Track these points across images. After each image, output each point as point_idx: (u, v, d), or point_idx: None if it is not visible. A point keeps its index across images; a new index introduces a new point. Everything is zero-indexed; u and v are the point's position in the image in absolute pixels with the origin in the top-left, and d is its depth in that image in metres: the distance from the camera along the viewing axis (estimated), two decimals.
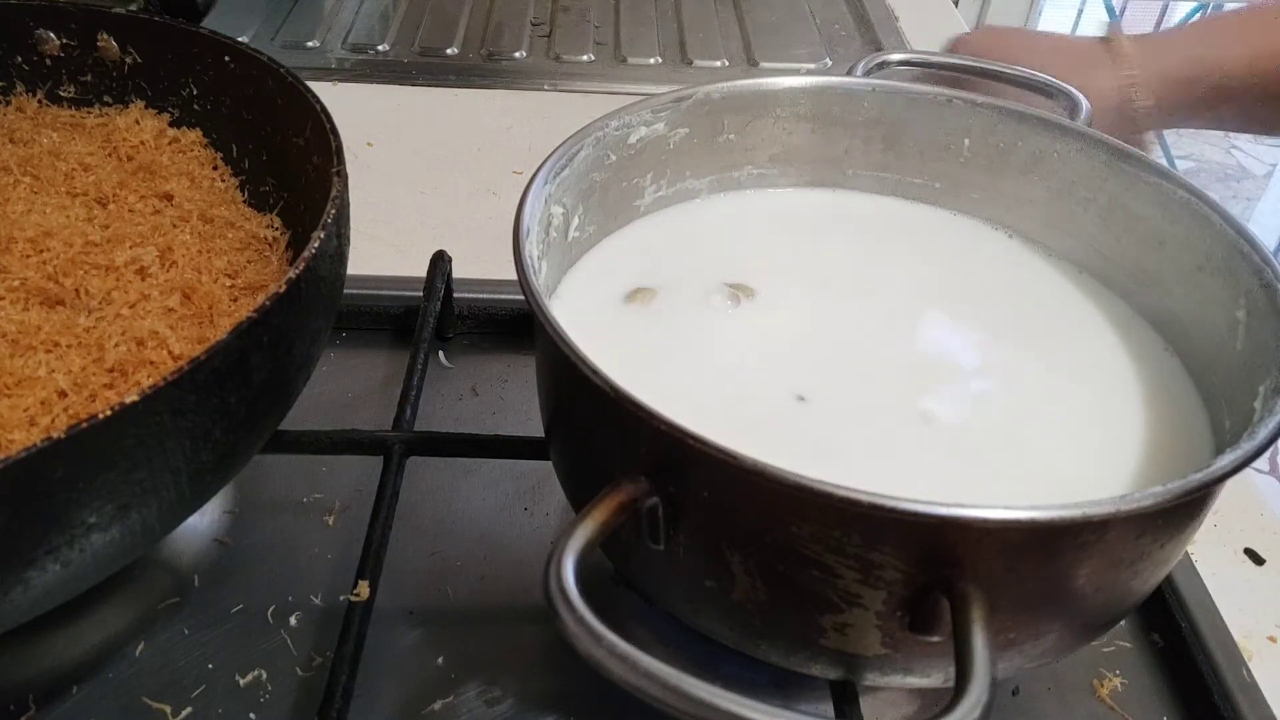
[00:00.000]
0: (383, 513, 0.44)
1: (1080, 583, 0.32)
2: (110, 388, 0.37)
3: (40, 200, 0.46)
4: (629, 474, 0.32)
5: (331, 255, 0.40)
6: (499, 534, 0.49)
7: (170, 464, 0.33)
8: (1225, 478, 0.31)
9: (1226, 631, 0.45)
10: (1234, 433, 0.38)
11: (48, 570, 0.31)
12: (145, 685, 0.42)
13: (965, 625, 0.29)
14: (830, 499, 0.29)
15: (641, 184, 0.51)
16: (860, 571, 0.31)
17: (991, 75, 0.60)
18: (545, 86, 0.91)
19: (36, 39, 0.53)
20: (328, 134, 0.44)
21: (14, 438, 0.34)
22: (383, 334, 0.61)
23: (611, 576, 0.46)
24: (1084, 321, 0.48)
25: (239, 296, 0.44)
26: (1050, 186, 0.50)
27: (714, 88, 0.50)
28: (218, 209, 0.48)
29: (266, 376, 0.36)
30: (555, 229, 0.45)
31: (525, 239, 0.39)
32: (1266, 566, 0.50)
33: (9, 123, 0.52)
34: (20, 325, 0.39)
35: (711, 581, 0.34)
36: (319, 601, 0.45)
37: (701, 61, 0.96)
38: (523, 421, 0.56)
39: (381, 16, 1.00)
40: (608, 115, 0.47)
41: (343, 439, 0.48)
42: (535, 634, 0.45)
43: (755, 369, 0.44)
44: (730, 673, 0.43)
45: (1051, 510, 0.29)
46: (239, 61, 0.50)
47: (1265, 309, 0.39)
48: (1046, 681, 0.44)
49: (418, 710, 0.42)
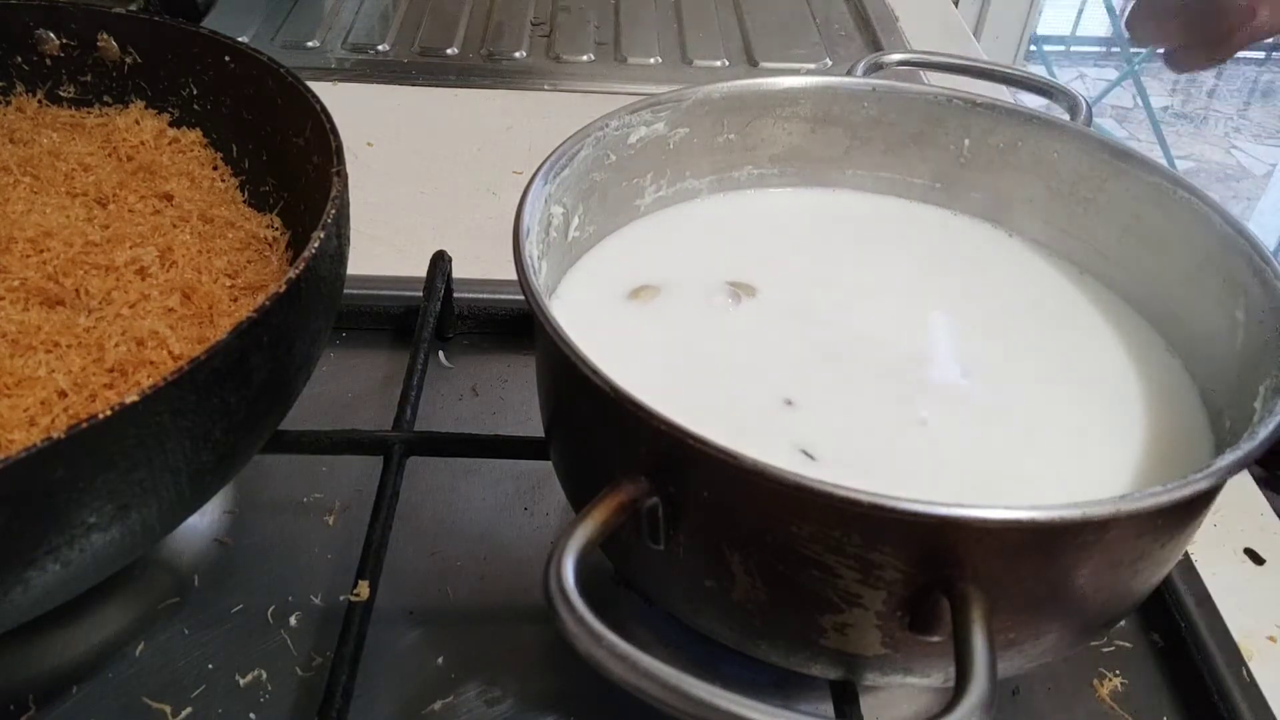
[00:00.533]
0: (383, 513, 0.44)
1: (1080, 583, 0.32)
2: (110, 388, 0.37)
3: (40, 200, 0.46)
4: (629, 474, 0.32)
5: (331, 255, 0.40)
6: (499, 534, 0.49)
7: (170, 464, 0.33)
8: (1225, 478, 0.31)
9: (1226, 631, 0.45)
10: (1234, 433, 0.38)
11: (48, 570, 0.31)
12: (145, 685, 0.42)
13: (965, 625, 0.29)
14: (830, 499, 0.29)
15: (641, 184, 0.51)
16: (860, 571, 0.31)
17: (991, 75, 0.60)
18: (545, 86, 0.91)
19: (36, 39, 0.53)
20: (328, 134, 0.44)
21: (14, 438, 0.34)
22: (383, 334, 0.61)
23: (611, 576, 0.46)
24: (1084, 321, 0.48)
25: (239, 296, 0.44)
26: (1050, 186, 0.50)
27: (714, 88, 0.50)
28: (218, 209, 0.48)
29: (266, 376, 0.36)
30: (555, 229, 0.45)
31: (525, 239, 0.39)
32: (1266, 566, 0.50)
33: (9, 123, 0.52)
34: (20, 325, 0.39)
35: (711, 581, 0.34)
36: (319, 601, 0.45)
37: (701, 61, 0.96)
38: (523, 421, 0.56)
39: (381, 16, 1.00)
40: (608, 115, 0.47)
41: (343, 439, 0.48)
42: (535, 634, 0.45)
43: (756, 367, 0.44)
44: (730, 673, 0.43)
45: (1051, 510, 0.29)
46: (239, 61, 0.50)
47: (1265, 309, 0.39)
48: (1046, 681, 0.44)
49: (418, 710, 0.42)
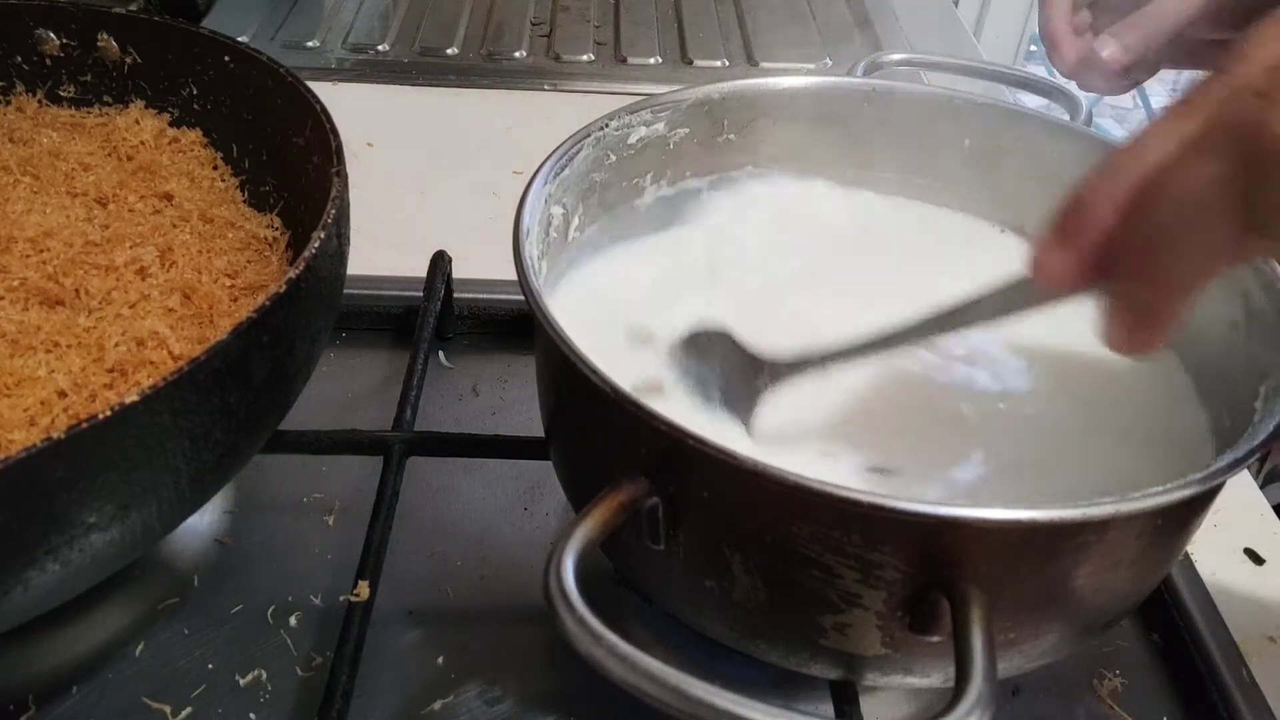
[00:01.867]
0: (383, 513, 0.44)
1: (1080, 583, 0.32)
2: (110, 388, 0.37)
3: (40, 200, 0.46)
4: (629, 474, 0.32)
5: (331, 255, 0.40)
6: (499, 534, 0.49)
7: (170, 464, 0.33)
8: (1225, 478, 0.31)
9: (1226, 631, 0.45)
10: (1234, 433, 0.38)
11: (48, 570, 0.31)
12: (145, 685, 0.42)
13: (965, 625, 0.29)
14: (830, 499, 0.29)
15: (641, 184, 0.51)
16: (860, 571, 0.31)
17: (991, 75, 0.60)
18: (545, 86, 0.91)
19: (36, 39, 0.53)
20: (328, 134, 0.44)
21: (14, 438, 0.34)
22: (383, 334, 0.61)
23: (611, 576, 0.46)
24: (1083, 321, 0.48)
25: (239, 296, 0.44)
26: (1050, 186, 0.50)
27: (714, 88, 0.50)
28: (218, 209, 0.48)
29: (266, 376, 0.36)
30: (555, 229, 0.45)
31: (525, 239, 0.39)
32: (1266, 566, 0.50)
33: (9, 123, 0.52)
34: (20, 325, 0.39)
35: (711, 581, 0.34)
36: (319, 601, 0.45)
37: (701, 61, 0.96)
38: (523, 421, 0.56)
39: (381, 16, 1.00)
40: (608, 115, 0.47)
41: (343, 439, 0.48)
42: (535, 634, 0.45)
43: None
44: (730, 673, 0.43)
45: (1051, 510, 0.29)
46: (239, 61, 0.50)
47: (1265, 309, 0.39)
48: (1046, 681, 0.44)
49: (418, 710, 0.42)
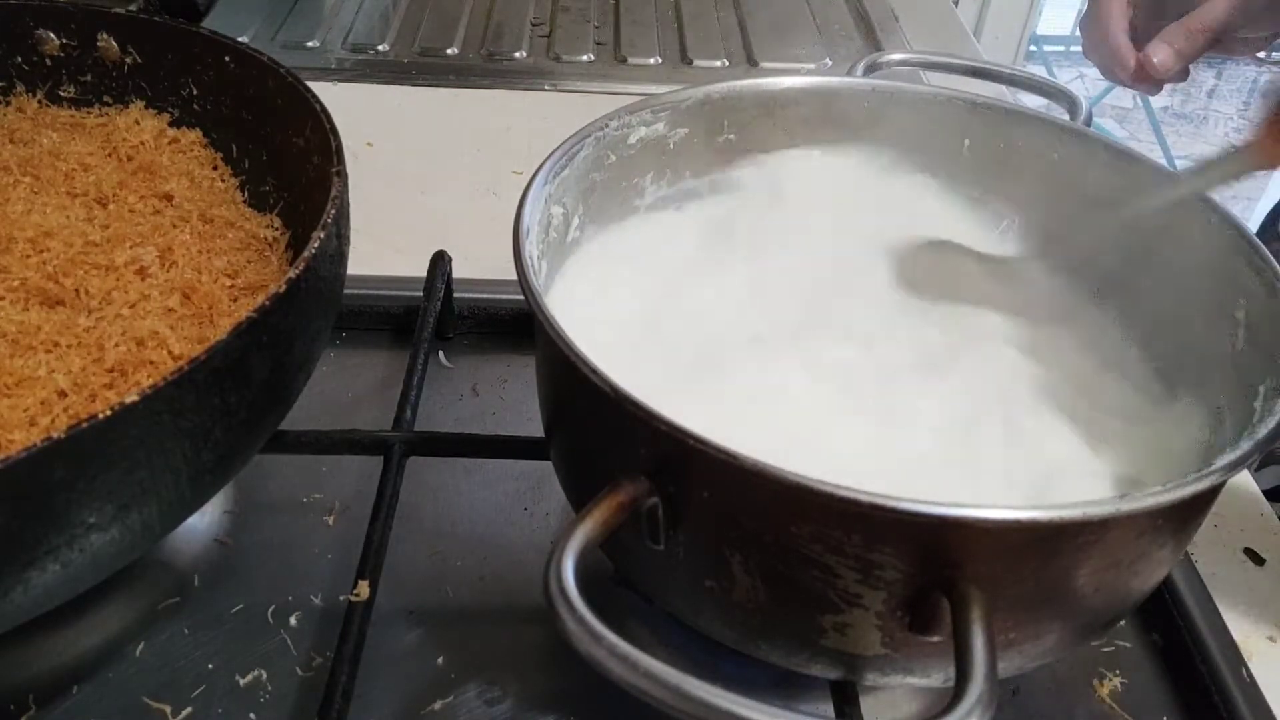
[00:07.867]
0: (383, 513, 0.44)
1: (1080, 583, 0.32)
2: (110, 388, 0.37)
3: (40, 200, 0.46)
4: (629, 474, 0.32)
5: (331, 255, 0.40)
6: (499, 534, 0.49)
7: (170, 464, 0.33)
8: (1225, 478, 0.31)
9: (1226, 631, 0.45)
10: (1234, 433, 0.38)
11: (48, 570, 0.31)
12: (145, 685, 0.42)
13: (965, 625, 0.29)
14: (830, 499, 0.29)
15: (641, 184, 0.51)
16: (860, 571, 0.31)
17: (991, 75, 0.60)
18: (545, 86, 0.91)
19: (36, 39, 0.53)
20: (328, 134, 0.44)
21: (14, 438, 0.34)
22: (383, 334, 0.61)
23: (611, 576, 0.46)
24: (1083, 321, 0.48)
25: (239, 296, 0.44)
26: (1050, 186, 0.50)
27: (714, 88, 0.50)
28: (218, 209, 0.48)
29: (266, 376, 0.36)
30: (555, 229, 0.45)
31: (525, 239, 0.39)
32: (1266, 566, 0.50)
33: (9, 123, 0.52)
34: (20, 325, 0.39)
35: (711, 581, 0.34)
36: (319, 601, 0.45)
37: (701, 61, 0.96)
38: (523, 421, 0.56)
39: (381, 16, 1.00)
40: (608, 115, 0.47)
41: (343, 439, 0.48)
42: (535, 634, 0.45)
43: (753, 356, 0.44)
44: (730, 673, 0.43)
45: (1051, 510, 0.29)
46: (239, 61, 0.50)
47: (1265, 309, 0.39)
48: (1046, 681, 0.44)
49: (418, 710, 0.42)
